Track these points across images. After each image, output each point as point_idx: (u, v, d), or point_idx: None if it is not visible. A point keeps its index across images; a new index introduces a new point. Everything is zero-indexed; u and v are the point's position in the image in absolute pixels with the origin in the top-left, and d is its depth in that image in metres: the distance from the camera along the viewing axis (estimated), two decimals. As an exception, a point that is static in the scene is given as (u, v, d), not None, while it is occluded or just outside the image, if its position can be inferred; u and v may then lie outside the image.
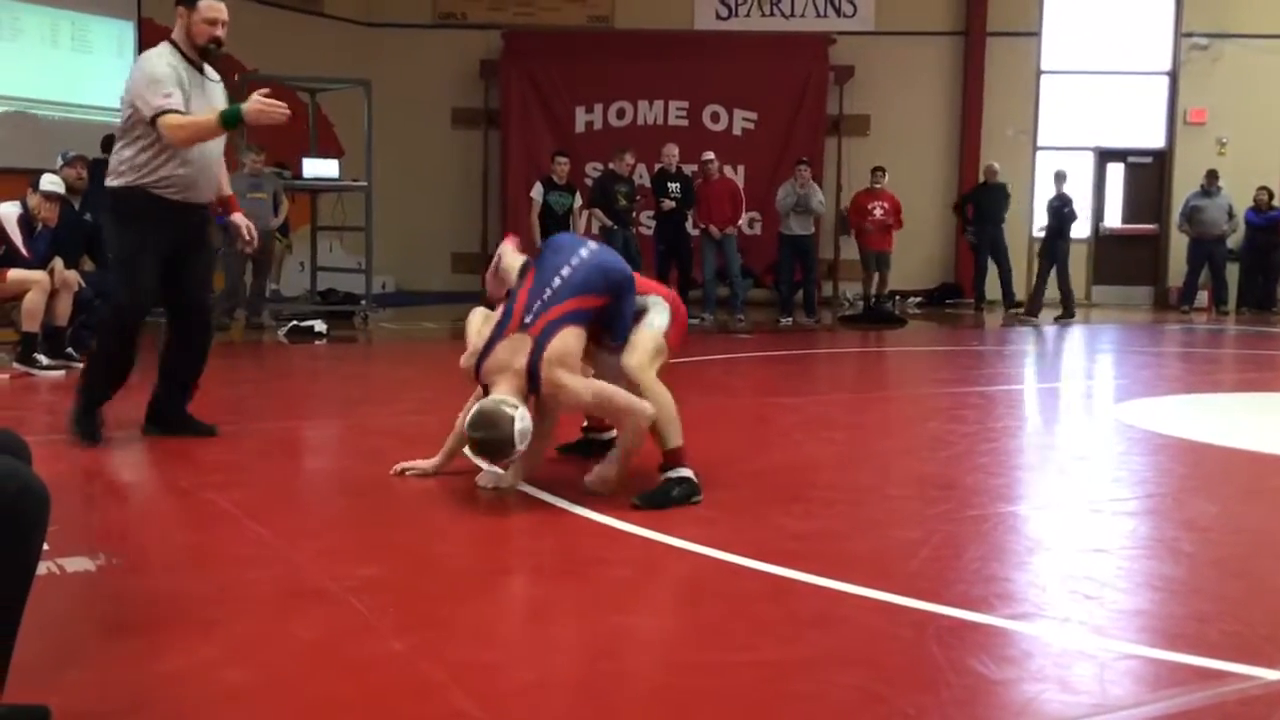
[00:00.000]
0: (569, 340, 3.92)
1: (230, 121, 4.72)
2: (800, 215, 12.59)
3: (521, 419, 3.78)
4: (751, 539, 3.53)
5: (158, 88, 4.71)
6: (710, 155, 12.76)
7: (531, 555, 3.44)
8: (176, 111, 4.71)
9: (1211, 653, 2.64)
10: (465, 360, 4.06)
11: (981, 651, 2.67)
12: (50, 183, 7.89)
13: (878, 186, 13.27)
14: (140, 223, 4.86)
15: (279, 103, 4.63)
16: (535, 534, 3.71)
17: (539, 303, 3.97)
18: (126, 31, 13.44)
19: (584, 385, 3.96)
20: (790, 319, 12.60)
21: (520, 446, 3.81)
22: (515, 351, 3.91)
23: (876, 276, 13.33)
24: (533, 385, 3.90)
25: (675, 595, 3.12)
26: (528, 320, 3.94)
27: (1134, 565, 3.51)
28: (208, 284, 5.28)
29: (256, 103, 4.58)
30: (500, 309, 4.13)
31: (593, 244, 4.26)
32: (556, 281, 3.99)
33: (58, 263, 7.72)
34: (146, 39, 13.38)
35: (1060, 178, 13.59)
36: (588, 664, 2.61)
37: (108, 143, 11.42)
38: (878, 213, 13.11)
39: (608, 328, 4.12)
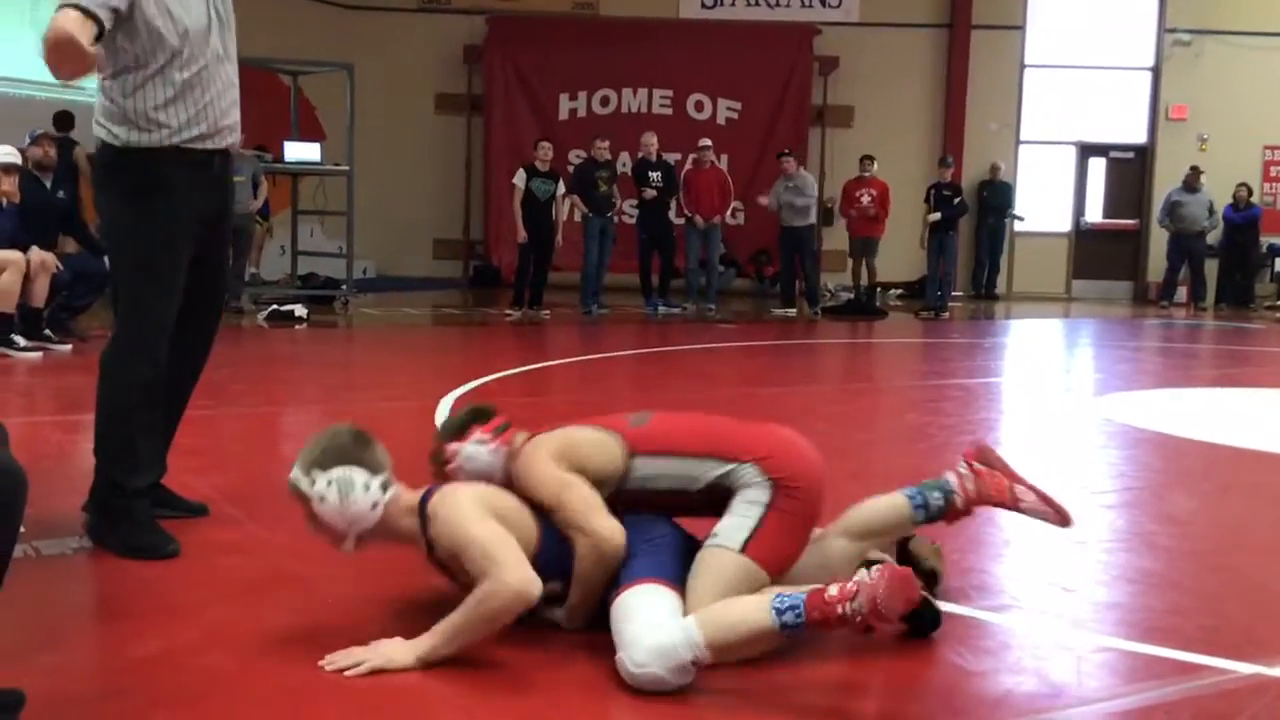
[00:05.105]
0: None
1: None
2: (788, 208, 12.49)
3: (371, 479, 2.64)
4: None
5: None
6: (707, 142, 12.75)
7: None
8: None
9: (1188, 646, 2.65)
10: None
11: (959, 643, 2.68)
12: (5, 154, 7.69)
13: (866, 175, 13.26)
14: (157, 196, 3.11)
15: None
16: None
17: None
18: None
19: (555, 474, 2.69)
20: (794, 310, 12.64)
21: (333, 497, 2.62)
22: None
23: (865, 266, 13.32)
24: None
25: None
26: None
27: (1111, 558, 3.53)
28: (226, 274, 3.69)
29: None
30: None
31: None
32: None
33: (34, 247, 7.64)
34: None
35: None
36: (572, 664, 2.60)
37: (61, 120, 11.31)
38: (864, 200, 13.12)
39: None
